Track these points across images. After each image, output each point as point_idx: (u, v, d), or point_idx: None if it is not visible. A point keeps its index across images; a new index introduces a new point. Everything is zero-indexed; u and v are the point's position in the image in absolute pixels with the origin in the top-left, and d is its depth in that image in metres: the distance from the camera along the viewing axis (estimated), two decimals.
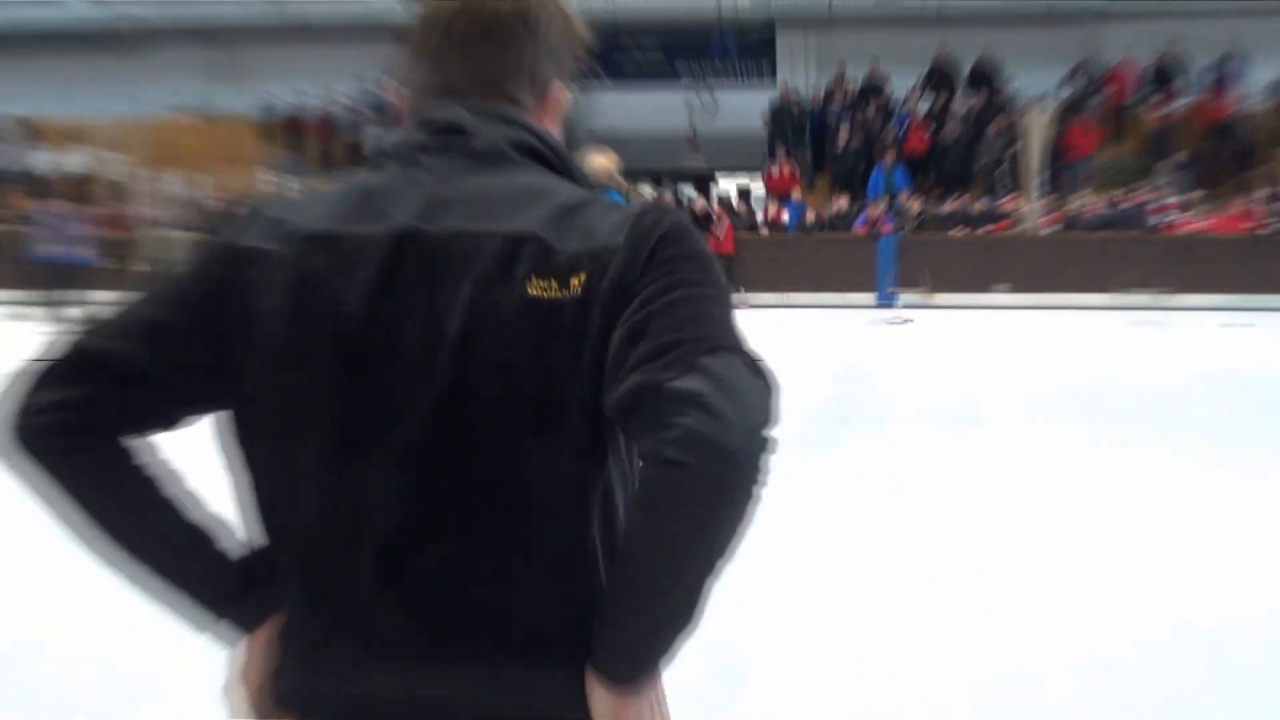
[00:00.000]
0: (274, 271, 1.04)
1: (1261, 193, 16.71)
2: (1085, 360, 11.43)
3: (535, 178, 1.09)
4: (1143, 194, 17.09)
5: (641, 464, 0.95)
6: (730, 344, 0.97)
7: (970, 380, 9.90)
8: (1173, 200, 17.02)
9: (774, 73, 19.54)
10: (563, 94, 1.20)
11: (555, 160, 1.13)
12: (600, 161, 5.38)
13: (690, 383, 0.91)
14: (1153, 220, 16.76)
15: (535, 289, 0.99)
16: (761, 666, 3.18)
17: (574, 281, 0.99)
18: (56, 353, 1.04)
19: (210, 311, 1.06)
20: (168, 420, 1.09)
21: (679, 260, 1.02)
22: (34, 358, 1.03)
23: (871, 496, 5.34)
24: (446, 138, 1.09)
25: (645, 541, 0.95)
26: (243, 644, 1.11)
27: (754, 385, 0.94)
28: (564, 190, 1.07)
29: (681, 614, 0.96)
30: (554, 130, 1.20)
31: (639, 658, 0.98)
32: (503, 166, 1.09)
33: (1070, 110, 17.90)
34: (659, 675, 1.00)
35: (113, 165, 18.26)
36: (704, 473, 0.89)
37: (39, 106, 19.30)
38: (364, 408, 1.02)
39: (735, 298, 1.23)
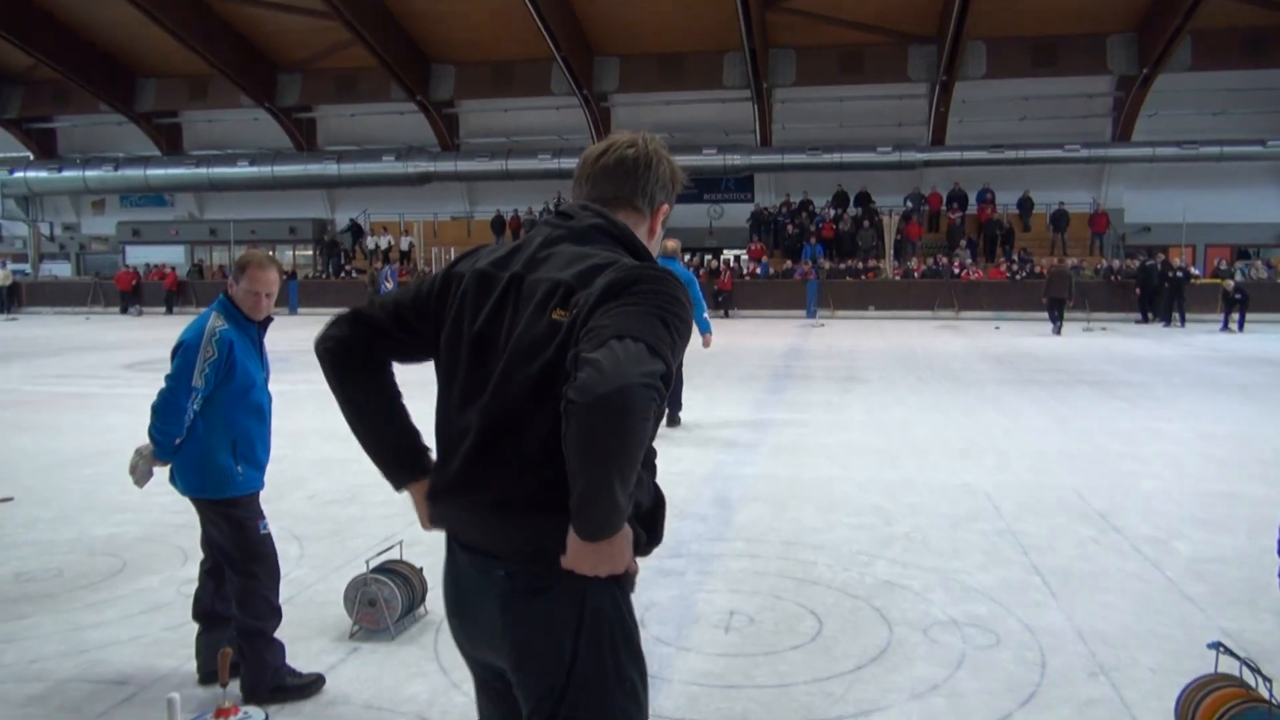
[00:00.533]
0: (460, 287, 1.66)
1: (1009, 259, 27.31)
2: (915, 345, 17.05)
3: (599, 249, 1.60)
4: (945, 259, 27.75)
5: None
6: (638, 334, 1.37)
7: (854, 356, 14.99)
8: (958, 262, 27.50)
9: (753, 197, 31.24)
10: (666, 209, 1.81)
11: (623, 239, 1.65)
12: (670, 244, 9.16)
13: (595, 353, 1.34)
14: (953, 272, 27.09)
15: (557, 315, 1.53)
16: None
17: (575, 304, 1.52)
18: (345, 312, 1.77)
19: (426, 302, 1.72)
20: (398, 357, 1.77)
21: (637, 289, 1.47)
22: (336, 314, 1.83)
23: (801, 416, 9.22)
24: (559, 218, 1.69)
25: (567, 450, 1.38)
26: (415, 495, 1.80)
27: (638, 356, 1.34)
28: (608, 257, 1.57)
29: (599, 496, 1.37)
30: (658, 233, 1.79)
31: (583, 521, 1.42)
32: (584, 240, 1.63)
33: (906, 216, 29.09)
34: (611, 537, 1.46)
35: (411, 245, 30.84)
36: (583, 408, 1.32)
37: (382, 215, 32.16)
38: (473, 375, 1.61)
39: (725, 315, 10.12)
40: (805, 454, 7.64)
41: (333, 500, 6.10)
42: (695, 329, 5.04)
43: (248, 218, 33.59)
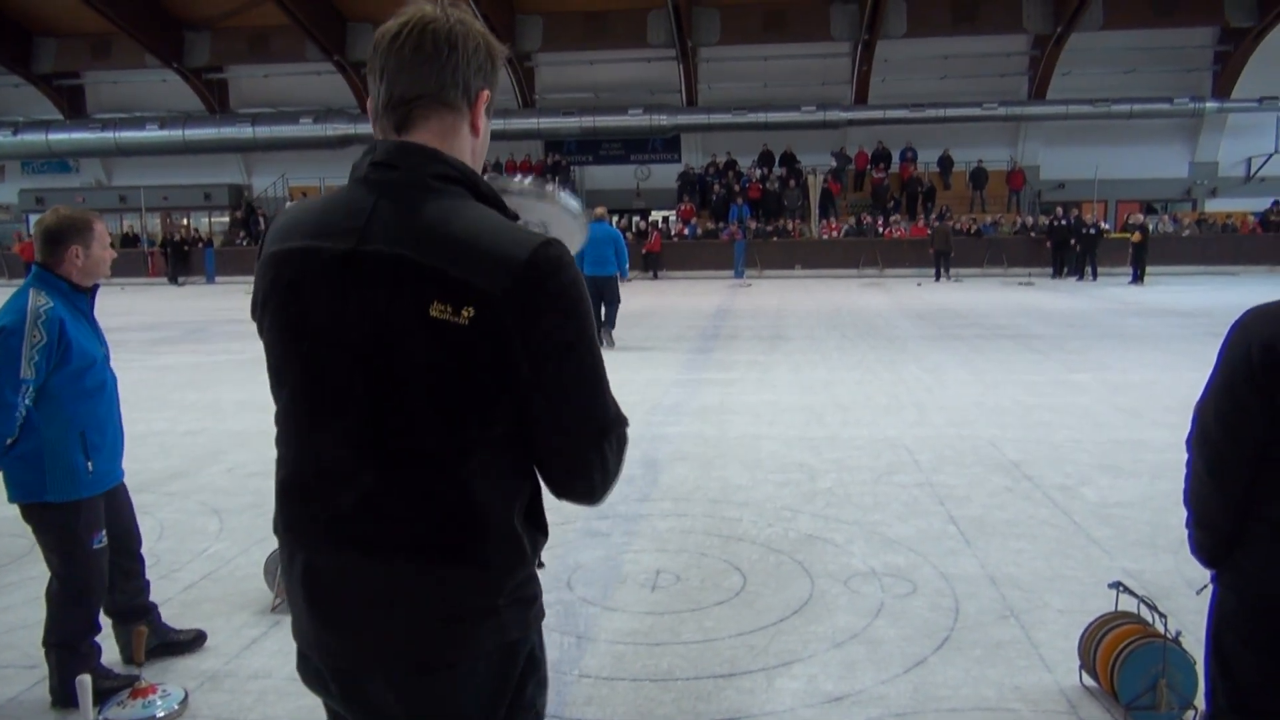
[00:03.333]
0: (284, 272, 1.40)
1: (929, 217, 27.98)
2: (840, 303, 17.46)
3: (452, 203, 1.32)
4: (869, 218, 28.33)
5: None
6: (597, 408, 1.36)
7: (781, 315, 15.21)
8: (882, 220, 27.93)
9: (680, 157, 31.17)
10: (488, 96, 1.40)
11: (466, 181, 1.35)
12: (599, 211, 12.20)
13: (579, 475, 1.39)
14: (877, 230, 27.59)
15: (437, 312, 1.25)
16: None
17: (465, 312, 1.23)
18: None
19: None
20: None
21: (561, 304, 1.29)
22: None
23: (728, 375, 9.60)
24: (386, 170, 1.35)
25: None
26: None
27: (616, 449, 1.39)
28: (479, 224, 1.30)
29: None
30: (483, 130, 1.43)
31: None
32: (426, 193, 1.32)
33: (831, 175, 29.64)
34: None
35: None
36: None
37: (301, 180, 31.20)
38: (323, 388, 1.35)
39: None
40: (732, 413, 7.73)
41: (254, 473, 5.97)
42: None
43: (159, 184, 32.35)
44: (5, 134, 31.65)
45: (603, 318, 11.61)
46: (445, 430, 1.31)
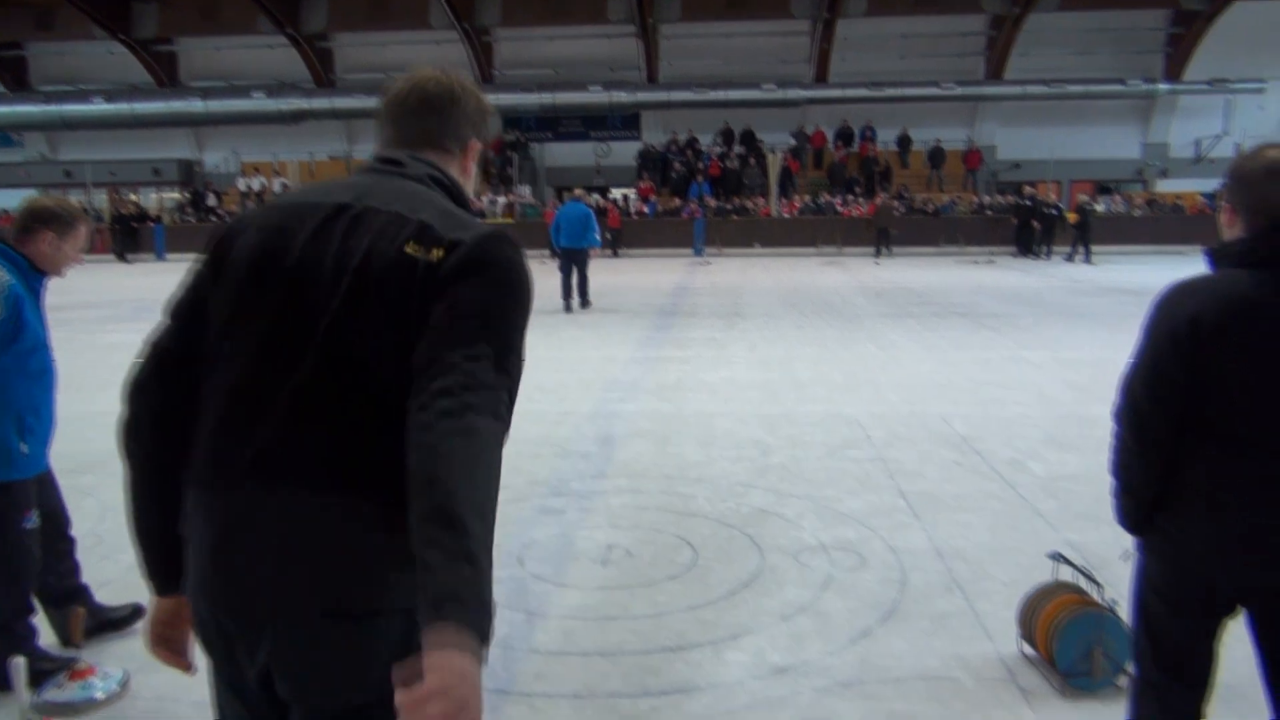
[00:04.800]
0: (258, 227, 1.50)
1: (886, 195, 27.83)
2: (799, 281, 17.52)
3: (437, 197, 1.52)
4: (828, 196, 28.66)
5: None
6: (492, 344, 1.33)
7: (739, 293, 15.29)
8: (840, 199, 28.06)
9: (640, 135, 30.80)
10: (477, 147, 1.66)
11: (451, 190, 1.57)
12: (577, 191, 14.97)
13: (452, 382, 1.27)
14: (835, 209, 27.73)
15: (411, 250, 1.39)
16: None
17: (434, 252, 1.39)
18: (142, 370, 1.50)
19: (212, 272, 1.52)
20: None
21: (491, 272, 1.39)
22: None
23: (685, 353, 9.67)
24: (390, 164, 1.56)
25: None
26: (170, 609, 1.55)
27: (494, 394, 1.30)
28: (460, 213, 1.49)
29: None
30: (471, 172, 1.67)
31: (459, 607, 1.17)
32: (421, 184, 1.53)
33: (791, 154, 29.58)
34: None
35: (284, 186, 29.30)
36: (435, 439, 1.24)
37: (254, 155, 30.69)
38: (292, 314, 1.41)
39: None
40: (689, 390, 7.75)
41: None
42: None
43: (106, 158, 31.49)
44: None
45: (575, 285, 13.40)
46: (400, 363, 1.35)
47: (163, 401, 1.48)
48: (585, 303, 13.46)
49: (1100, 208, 26.58)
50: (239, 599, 1.38)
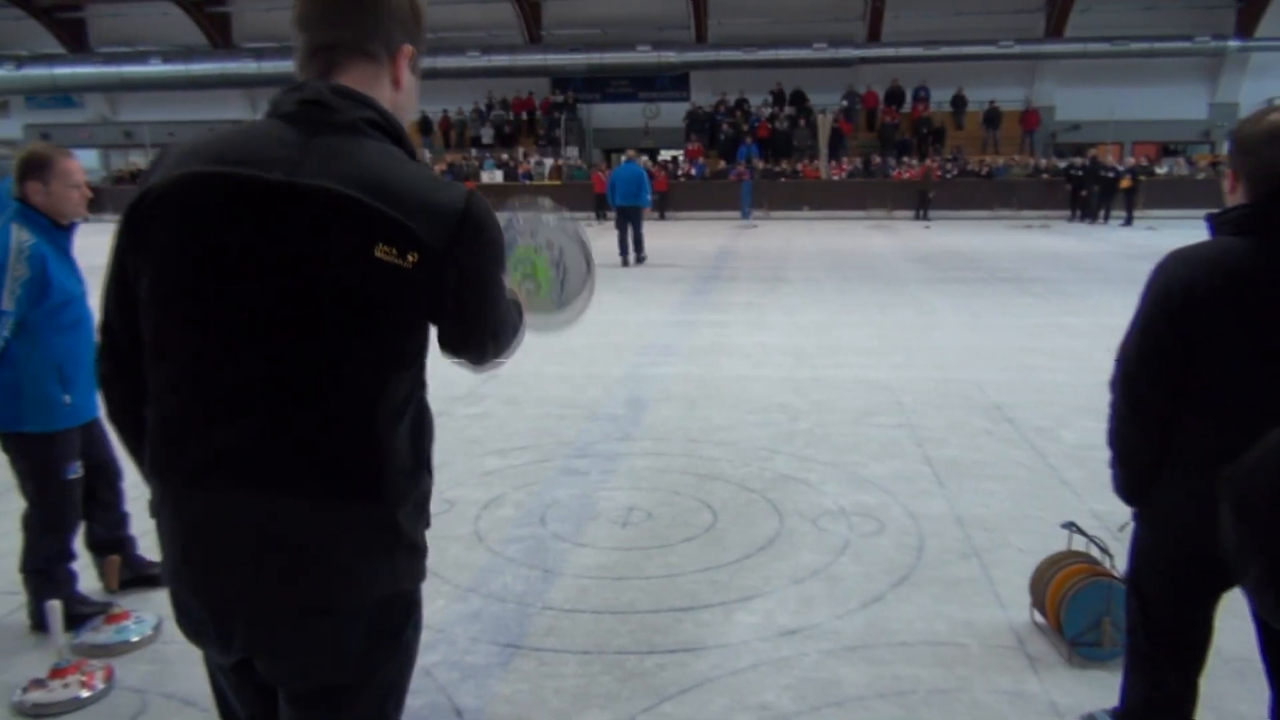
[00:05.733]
0: (175, 202, 1.34)
1: (940, 158, 27.60)
2: (844, 245, 17.45)
3: (381, 147, 1.35)
4: (880, 159, 28.01)
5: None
6: (502, 314, 1.48)
7: (782, 257, 15.24)
8: (891, 160, 27.58)
9: (689, 96, 30.48)
10: (410, 51, 1.43)
11: (394, 133, 1.38)
12: (630, 153, 15.83)
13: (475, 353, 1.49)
14: (886, 171, 27.29)
15: (383, 253, 1.28)
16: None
17: (410, 257, 1.29)
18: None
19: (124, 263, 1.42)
20: None
21: (482, 238, 1.38)
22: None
23: (722, 317, 9.70)
24: (316, 108, 1.35)
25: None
26: None
27: (509, 329, 1.54)
28: (416, 175, 1.34)
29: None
30: (405, 85, 1.44)
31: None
32: (359, 136, 1.34)
33: (843, 114, 29.05)
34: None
35: None
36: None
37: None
38: (240, 311, 1.32)
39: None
40: (722, 354, 7.76)
41: None
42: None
43: (165, 119, 32.05)
44: (9, 67, 31.36)
45: (631, 240, 14.37)
46: (368, 360, 1.32)
47: (134, 390, 1.42)
48: (640, 258, 14.42)
49: (1163, 170, 25.75)
50: (211, 593, 1.39)
